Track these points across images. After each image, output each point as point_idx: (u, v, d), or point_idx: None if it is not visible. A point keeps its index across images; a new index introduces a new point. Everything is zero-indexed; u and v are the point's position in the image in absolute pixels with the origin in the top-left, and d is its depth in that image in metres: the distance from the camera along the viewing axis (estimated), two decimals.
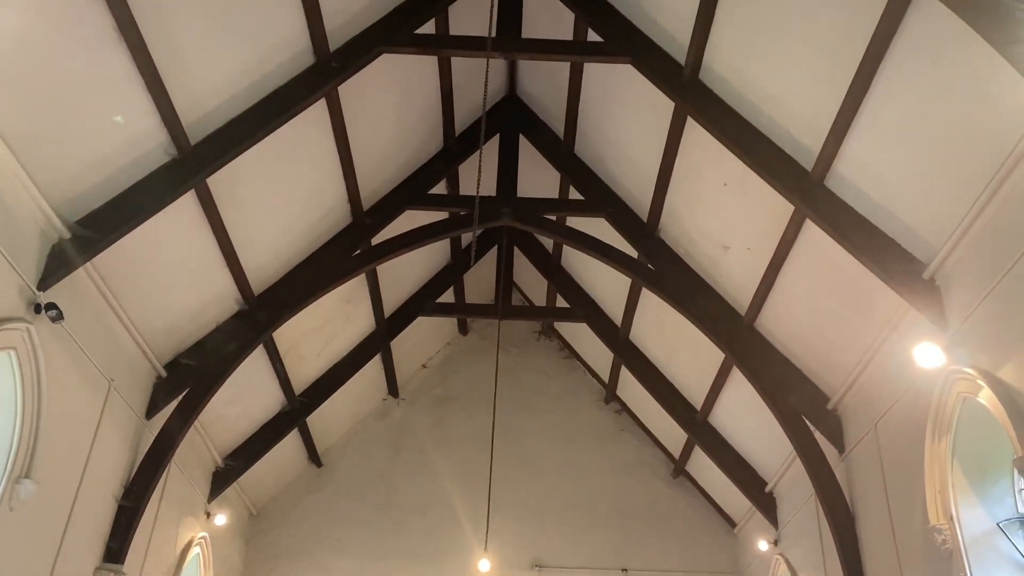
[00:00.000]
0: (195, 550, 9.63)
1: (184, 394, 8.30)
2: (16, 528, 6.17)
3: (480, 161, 6.74)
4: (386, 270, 10.27)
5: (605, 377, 12.50)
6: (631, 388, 11.93)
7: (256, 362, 9.49)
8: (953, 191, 5.88)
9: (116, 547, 7.58)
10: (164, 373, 8.33)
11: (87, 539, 7.29)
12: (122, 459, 7.82)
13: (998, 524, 5.97)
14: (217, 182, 7.46)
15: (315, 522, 11.86)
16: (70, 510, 6.92)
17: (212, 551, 10.10)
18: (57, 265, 6.36)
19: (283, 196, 8.45)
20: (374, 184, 9.29)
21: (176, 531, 9.18)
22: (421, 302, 11.44)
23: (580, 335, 12.51)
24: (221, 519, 10.12)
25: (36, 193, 6.07)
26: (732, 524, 11.65)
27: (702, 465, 11.32)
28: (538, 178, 10.25)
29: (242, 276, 8.41)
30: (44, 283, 6.29)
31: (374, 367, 11.89)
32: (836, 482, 7.96)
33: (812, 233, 7.31)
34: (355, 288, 10.21)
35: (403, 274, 10.91)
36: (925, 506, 6.38)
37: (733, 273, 8.71)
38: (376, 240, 9.37)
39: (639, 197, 9.19)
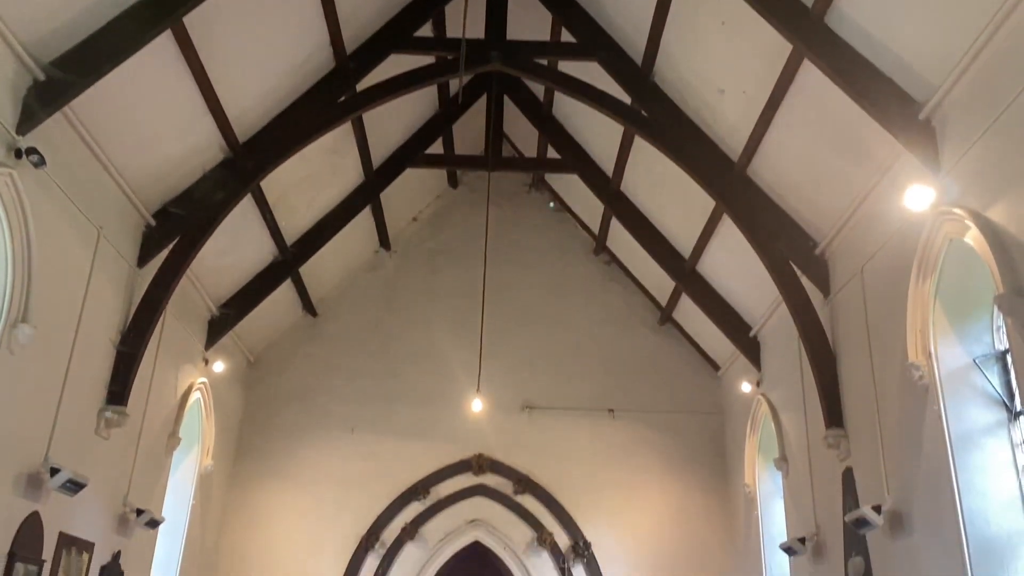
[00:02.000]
0: (195, 395, 9.92)
1: (175, 243, 8.31)
2: (18, 371, 6.31)
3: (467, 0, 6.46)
4: (372, 120, 10.06)
5: (595, 229, 12.54)
6: (621, 239, 12.00)
7: (246, 212, 9.46)
8: (955, 26, 5.70)
9: (118, 390, 7.79)
10: (153, 222, 8.29)
11: (89, 383, 7.47)
12: (117, 306, 7.91)
13: (974, 360, 6.17)
14: (194, 22, 7.15)
15: (312, 370, 12.19)
16: (69, 355, 7.06)
17: (212, 397, 10.41)
18: (34, 109, 6.18)
19: (263, 38, 8.14)
20: (356, 26, 8.93)
21: (176, 377, 9.42)
22: (409, 153, 11.27)
23: (571, 187, 12.45)
24: (219, 366, 10.37)
25: (5, 30, 5.82)
26: (716, 368, 12.03)
27: (688, 313, 11.56)
28: (528, 20, 9.86)
29: (225, 122, 8.23)
30: (22, 128, 6.14)
31: (365, 219, 11.88)
32: (820, 325, 8.16)
33: (809, 76, 7.14)
34: (341, 138, 10.04)
35: (390, 125, 10.69)
36: (905, 345, 6.57)
37: (727, 118, 8.57)
38: (361, 87, 9.12)
39: (634, 38, 8.90)
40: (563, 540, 11.43)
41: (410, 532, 11.40)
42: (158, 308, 8.14)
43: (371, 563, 11.26)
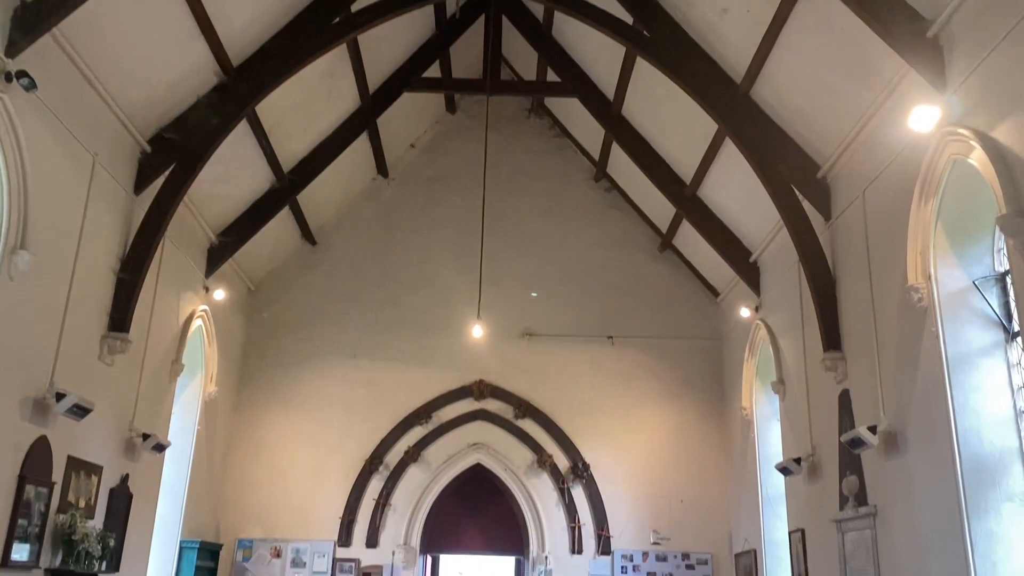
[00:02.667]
0: (197, 323, 9.97)
1: (171, 169, 8.24)
2: (18, 298, 6.32)
3: None
4: (368, 43, 9.85)
5: (595, 155, 12.41)
6: (621, 166, 11.89)
7: (242, 139, 9.34)
8: None
9: (119, 317, 7.82)
10: (148, 148, 8.20)
11: (90, 310, 7.50)
12: (115, 233, 7.88)
13: (974, 282, 6.19)
14: None
15: (313, 298, 12.23)
16: (69, 282, 7.06)
17: (214, 325, 10.47)
18: (23, 30, 6.04)
19: None
20: None
21: (177, 304, 9.45)
22: (406, 77, 11.07)
23: (571, 112, 12.27)
24: (220, 294, 10.40)
25: None
26: (715, 294, 12.07)
27: (688, 239, 11.53)
28: None
29: (218, 45, 8.06)
30: (10, 51, 6.01)
31: (362, 146, 11.75)
32: (820, 248, 8.15)
33: None
34: (337, 61, 9.84)
35: (386, 48, 10.47)
36: (905, 268, 6.58)
37: (731, 39, 8.39)
38: (356, 7, 8.90)
39: None
40: (563, 462, 11.65)
41: (413, 455, 11.61)
42: (156, 235, 8.11)
43: (375, 485, 11.50)
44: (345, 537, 11.28)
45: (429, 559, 11.81)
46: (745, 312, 10.47)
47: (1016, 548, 5.62)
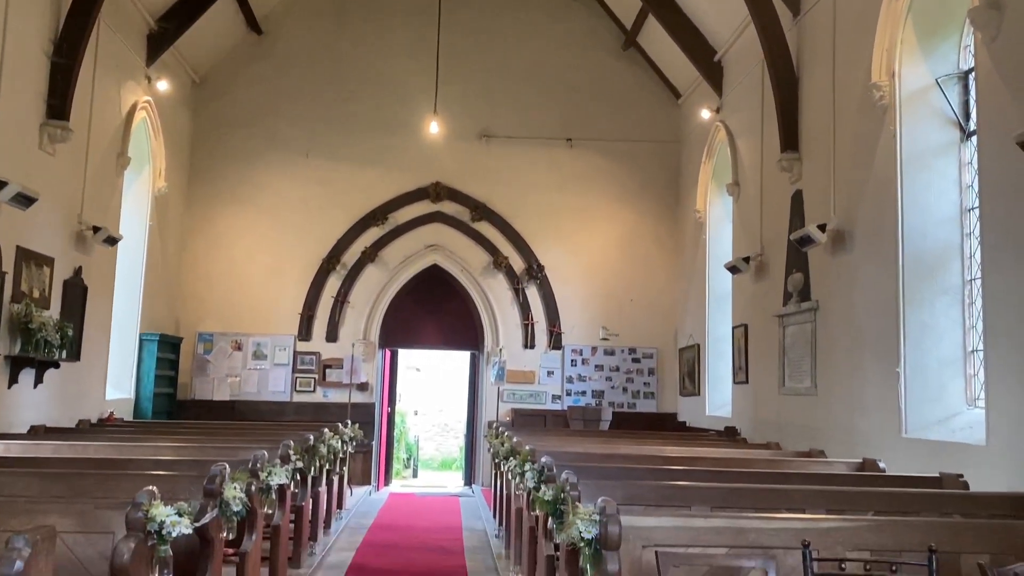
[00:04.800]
0: (141, 115, 9.58)
1: None
2: None
3: None
4: None
5: None
6: None
7: None
8: None
9: (57, 104, 7.46)
10: None
11: (26, 96, 7.12)
12: (45, 13, 7.34)
13: (936, 80, 6.15)
14: None
15: (261, 92, 11.76)
16: None
17: (160, 118, 10.07)
18: None
19: None
20: None
21: (119, 94, 9.02)
22: None
23: None
24: (163, 85, 9.95)
25: None
26: (677, 95, 11.89)
27: (653, 36, 11.18)
28: None
29: None
30: None
31: None
32: (786, 45, 7.98)
33: None
34: None
35: None
36: (869, 65, 6.49)
37: None
38: None
39: None
40: (518, 263, 11.85)
41: (370, 255, 11.69)
42: (90, 15, 7.57)
43: (333, 283, 11.64)
44: (305, 332, 11.54)
45: (388, 353, 12.20)
46: (706, 114, 10.37)
47: (945, 337, 5.96)
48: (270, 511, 5.03)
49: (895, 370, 6.04)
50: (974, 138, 5.90)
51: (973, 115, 5.88)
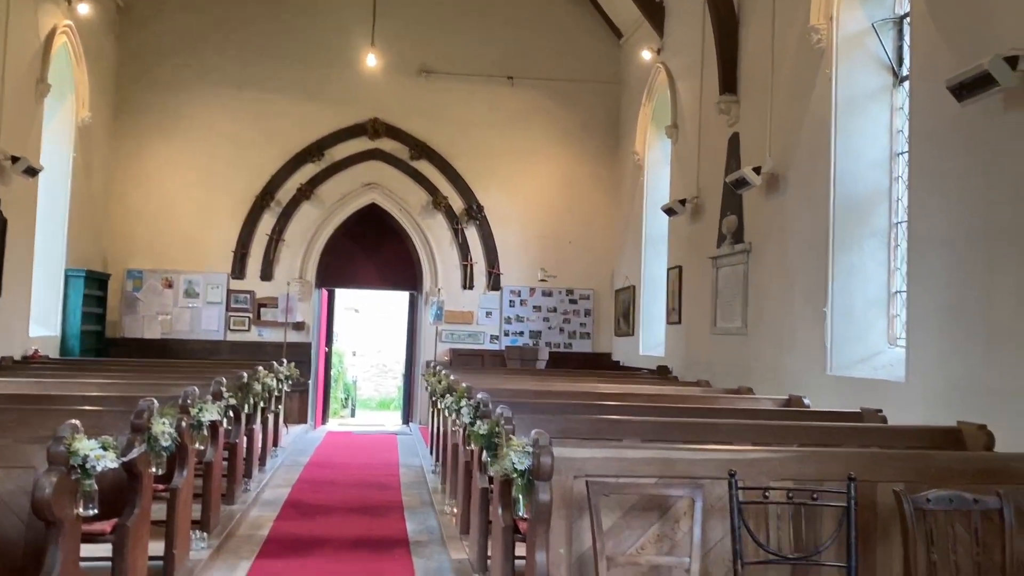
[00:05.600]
0: (62, 40, 9.09)
1: None
2: None
3: None
4: None
5: None
6: None
7: None
8: None
9: None
10: None
11: None
12: None
13: (872, 24, 6.21)
14: None
15: (192, 20, 11.28)
16: None
17: (82, 44, 9.58)
18: None
19: None
20: None
21: (35, 16, 8.53)
22: None
23: None
24: (84, 8, 9.44)
25: None
26: (619, 35, 11.80)
27: None
28: None
29: None
30: None
31: None
32: None
33: None
34: None
35: None
36: (809, 8, 6.52)
37: None
38: None
39: None
40: (457, 204, 11.75)
41: (306, 192, 11.45)
42: None
43: (268, 221, 11.39)
44: (239, 270, 11.31)
45: (325, 293, 12.06)
46: (647, 55, 10.33)
47: (872, 279, 6.15)
48: (202, 447, 4.96)
49: (822, 310, 6.21)
50: (906, 84, 6.01)
51: (906, 60, 5.98)
